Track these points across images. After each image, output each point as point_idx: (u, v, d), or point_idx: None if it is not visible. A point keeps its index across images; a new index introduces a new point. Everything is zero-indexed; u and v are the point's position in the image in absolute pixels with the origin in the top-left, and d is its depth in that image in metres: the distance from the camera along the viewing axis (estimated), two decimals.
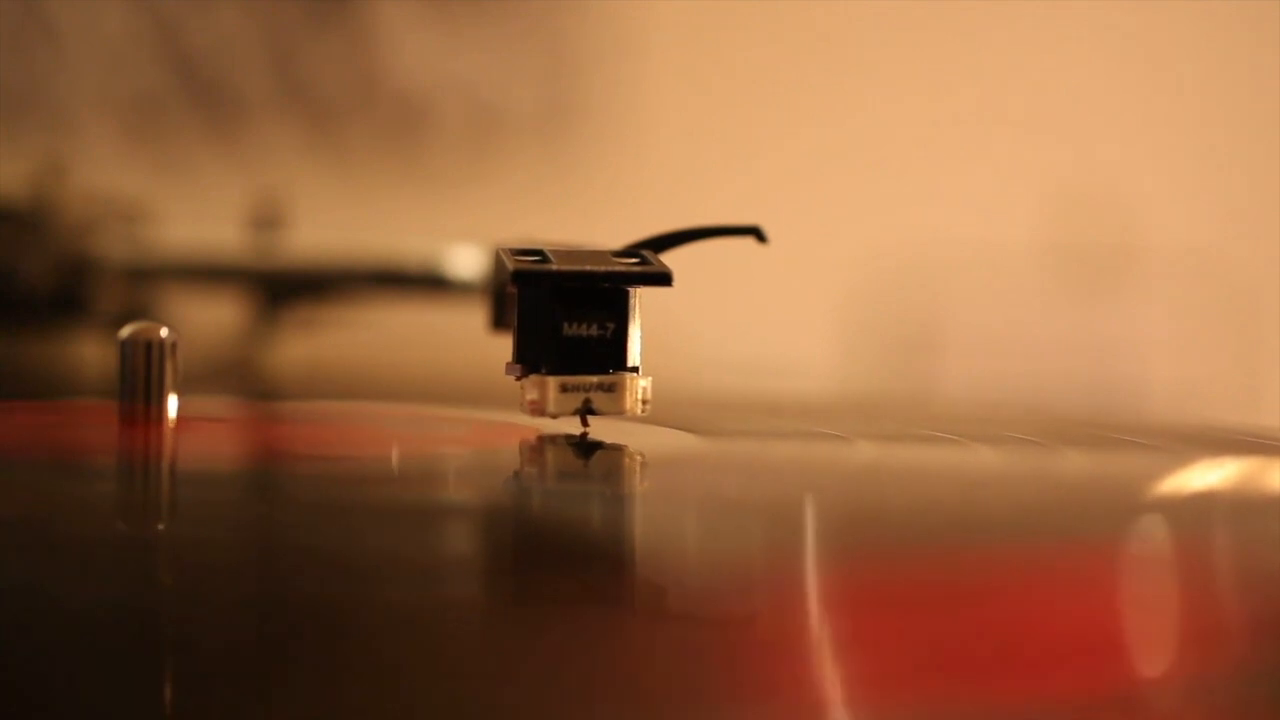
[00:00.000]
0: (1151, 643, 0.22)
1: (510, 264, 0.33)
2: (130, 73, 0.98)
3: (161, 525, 0.28)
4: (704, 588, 0.23)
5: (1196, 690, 0.20)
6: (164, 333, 0.34)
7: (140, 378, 0.34)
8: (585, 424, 0.34)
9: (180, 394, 0.34)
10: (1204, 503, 0.33)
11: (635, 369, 0.34)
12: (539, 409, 0.33)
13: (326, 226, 0.62)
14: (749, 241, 0.35)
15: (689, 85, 0.98)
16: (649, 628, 0.22)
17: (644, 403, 0.34)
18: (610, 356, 0.33)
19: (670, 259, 0.34)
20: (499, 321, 0.41)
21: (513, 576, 0.25)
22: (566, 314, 0.33)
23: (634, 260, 0.34)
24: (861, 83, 0.97)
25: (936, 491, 0.32)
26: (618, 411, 0.33)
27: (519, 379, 0.33)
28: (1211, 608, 0.24)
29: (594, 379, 0.33)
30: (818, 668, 0.21)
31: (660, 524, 0.29)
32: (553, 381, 0.33)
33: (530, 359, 0.33)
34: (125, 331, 0.34)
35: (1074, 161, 0.95)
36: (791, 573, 0.25)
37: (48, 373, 0.60)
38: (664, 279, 0.33)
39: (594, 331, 0.33)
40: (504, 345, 0.34)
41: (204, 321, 0.61)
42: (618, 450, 0.35)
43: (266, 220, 0.61)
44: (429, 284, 0.60)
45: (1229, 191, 0.96)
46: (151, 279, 0.62)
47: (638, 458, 0.35)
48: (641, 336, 0.34)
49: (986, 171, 0.95)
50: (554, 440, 0.35)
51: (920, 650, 0.21)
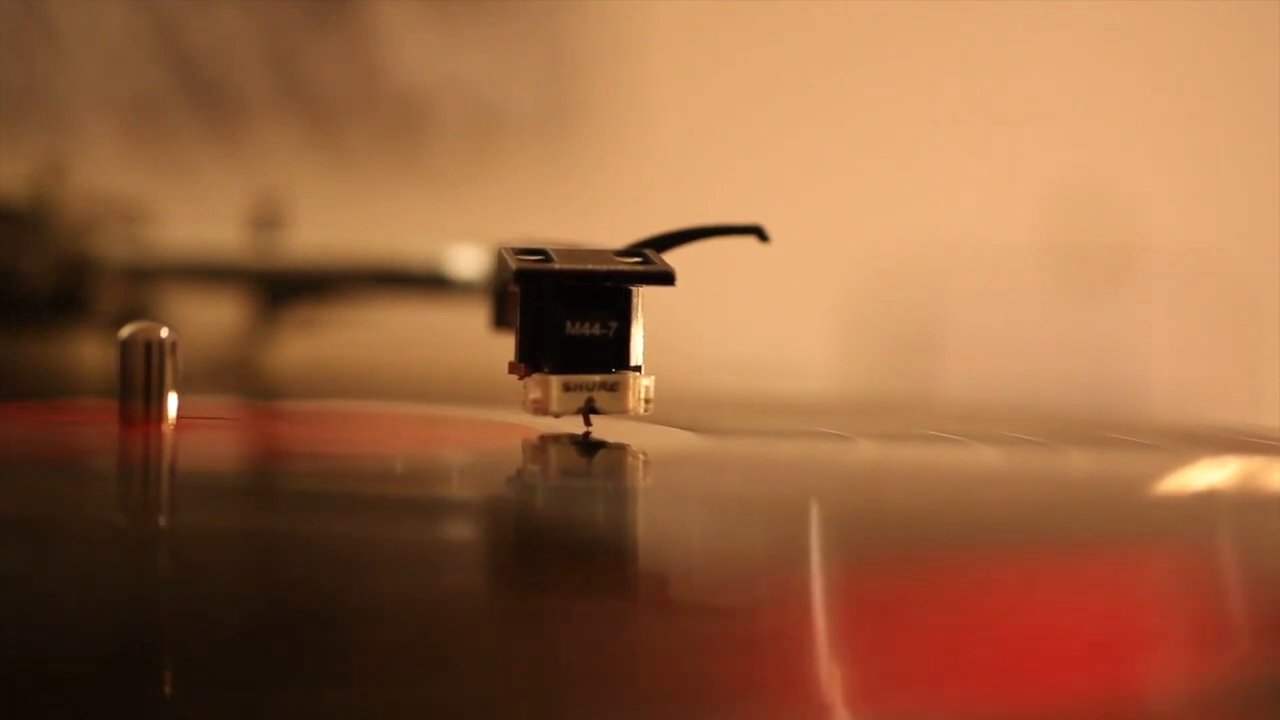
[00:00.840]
0: (1152, 643, 0.22)
1: (513, 263, 0.33)
2: (130, 73, 0.98)
3: (161, 525, 0.28)
4: (705, 586, 0.23)
5: (1198, 690, 0.20)
6: (164, 333, 0.34)
7: (140, 378, 0.34)
8: (588, 423, 0.34)
9: (180, 394, 0.34)
10: (1204, 503, 0.33)
11: (638, 368, 0.34)
12: (542, 408, 0.33)
13: (327, 226, 0.62)
14: (750, 241, 0.35)
15: (689, 85, 0.98)
16: (650, 626, 0.22)
17: (646, 402, 0.34)
18: (613, 356, 0.33)
19: (672, 258, 0.34)
20: (500, 321, 0.41)
21: (514, 575, 0.25)
22: (569, 313, 0.33)
23: (636, 259, 0.34)
24: (861, 83, 0.97)
25: (938, 491, 0.32)
26: (620, 411, 0.33)
27: (522, 378, 0.33)
28: (1212, 608, 0.24)
29: (597, 378, 0.33)
30: (818, 666, 0.21)
31: (662, 523, 0.29)
32: (556, 381, 0.33)
33: (533, 358, 0.33)
34: (125, 331, 0.34)
35: (1074, 161, 0.95)
36: (792, 571, 0.25)
37: (48, 373, 0.60)
38: (666, 278, 0.33)
39: (596, 331, 0.33)
40: (505, 345, 0.34)
41: (204, 321, 0.61)
42: (620, 449, 0.35)
43: (266, 220, 0.61)
44: (430, 284, 0.60)
45: (1229, 191, 0.96)
46: (151, 279, 0.62)
47: (640, 457, 0.35)
48: (644, 336, 0.34)
49: (986, 171, 0.95)
50: (557, 439, 0.35)
51: (921, 649, 0.21)
